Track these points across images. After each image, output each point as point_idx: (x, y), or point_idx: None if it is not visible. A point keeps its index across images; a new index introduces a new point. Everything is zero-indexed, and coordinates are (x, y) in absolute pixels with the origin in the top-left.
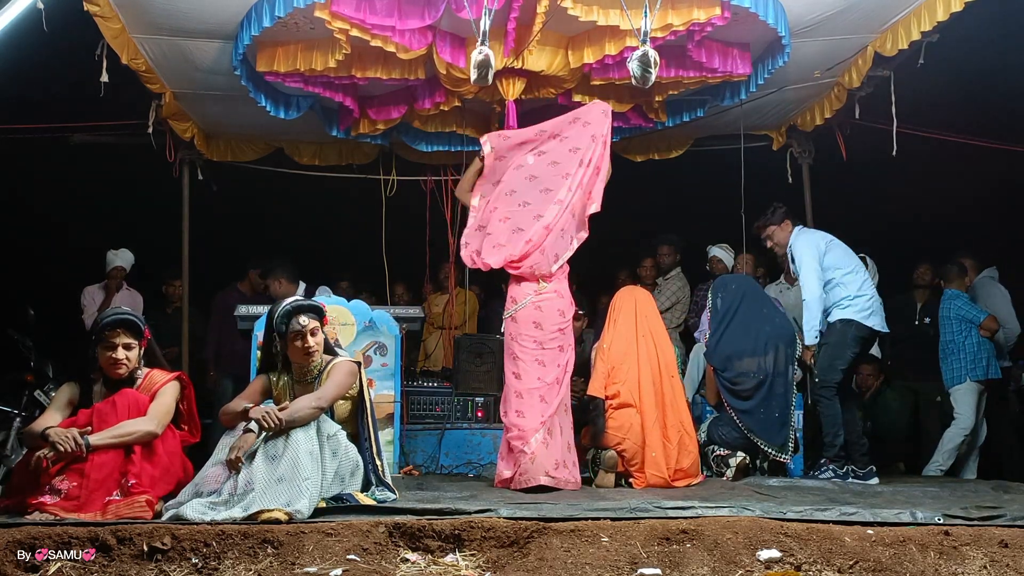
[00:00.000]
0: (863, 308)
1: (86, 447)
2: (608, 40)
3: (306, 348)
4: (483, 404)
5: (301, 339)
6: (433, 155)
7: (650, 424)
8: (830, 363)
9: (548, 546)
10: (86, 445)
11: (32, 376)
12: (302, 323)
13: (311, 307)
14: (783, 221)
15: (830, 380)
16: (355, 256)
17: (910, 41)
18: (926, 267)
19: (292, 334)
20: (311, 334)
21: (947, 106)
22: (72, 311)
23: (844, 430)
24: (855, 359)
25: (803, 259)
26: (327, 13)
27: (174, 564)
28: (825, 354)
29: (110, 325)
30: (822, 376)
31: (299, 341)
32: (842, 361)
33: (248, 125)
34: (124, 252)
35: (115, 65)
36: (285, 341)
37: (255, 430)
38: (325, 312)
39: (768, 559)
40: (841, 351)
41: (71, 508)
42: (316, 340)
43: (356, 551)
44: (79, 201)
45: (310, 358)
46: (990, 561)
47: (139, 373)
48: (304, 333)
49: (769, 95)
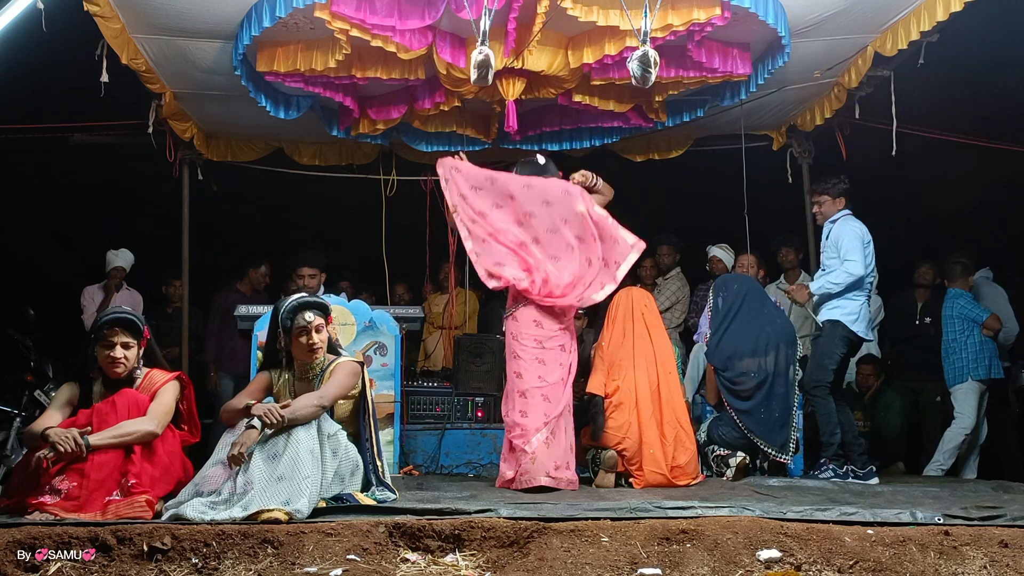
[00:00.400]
0: (851, 312)
1: (86, 447)
2: (608, 40)
3: (310, 345)
4: (483, 404)
5: (306, 335)
6: (433, 155)
7: (646, 420)
8: (819, 363)
9: (548, 546)
10: (86, 445)
11: (32, 376)
12: (307, 319)
13: (317, 304)
14: (839, 197)
15: (821, 380)
16: (355, 256)
17: (910, 41)
18: (928, 266)
19: (297, 330)
20: (316, 331)
21: (947, 106)
22: (72, 311)
23: (840, 429)
24: (844, 359)
25: (853, 243)
26: (327, 13)
27: (174, 564)
28: (814, 354)
29: (109, 324)
30: (813, 376)
31: (304, 337)
32: (831, 361)
33: (248, 125)
34: (124, 252)
35: (115, 65)
36: (290, 337)
37: (257, 426)
38: (331, 311)
39: (768, 559)
40: (830, 351)
41: (71, 508)
42: (320, 337)
43: (356, 551)
44: (79, 201)
45: (313, 355)
46: (990, 561)
47: (138, 373)
48: (309, 329)
49: (769, 95)
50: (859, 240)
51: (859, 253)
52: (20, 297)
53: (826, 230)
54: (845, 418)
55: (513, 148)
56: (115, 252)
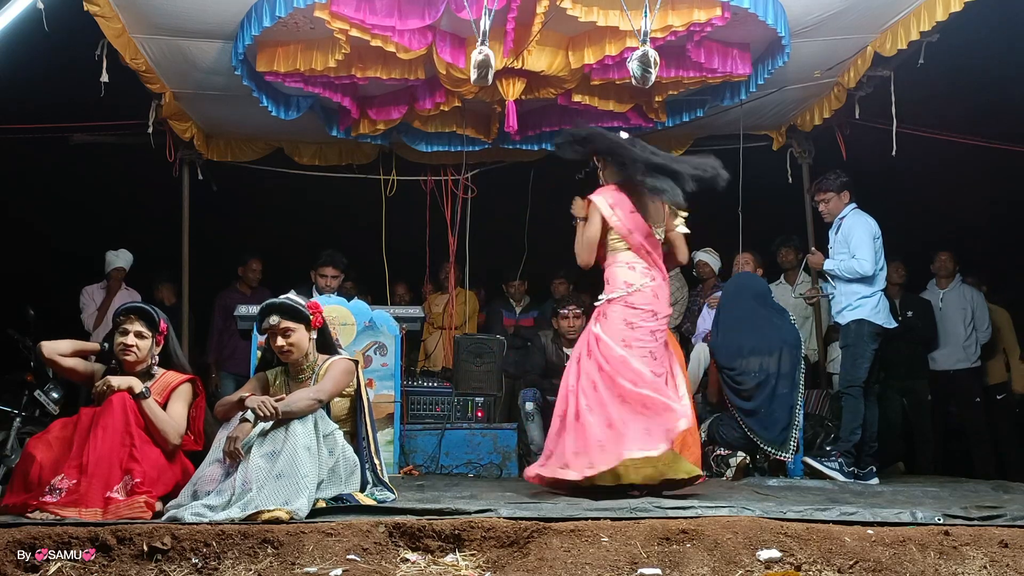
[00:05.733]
0: (873, 307)
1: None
2: (608, 40)
3: (278, 348)
4: (483, 404)
5: (272, 338)
6: (433, 155)
7: None
8: (853, 363)
9: (548, 546)
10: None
11: (32, 376)
12: (271, 322)
13: (281, 306)
14: (842, 191)
15: (856, 380)
16: (355, 256)
17: (910, 41)
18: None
19: (265, 332)
20: (282, 334)
21: (947, 106)
22: (72, 311)
23: (862, 429)
24: (877, 354)
25: (863, 237)
26: (327, 13)
27: (174, 564)
28: (847, 356)
29: (125, 311)
30: (847, 376)
31: (271, 339)
32: (864, 359)
33: (248, 125)
34: (123, 252)
35: (115, 65)
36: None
37: (251, 419)
38: (303, 313)
39: (768, 559)
40: (862, 350)
41: (71, 503)
42: (289, 341)
43: (356, 551)
44: (79, 201)
45: (285, 357)
46: (990, 561)
47: (155, 371)
48: (275, 332)
49: (769, 95)
50: (869, 236)
51: (869, 250)
52: (20, 297)
53: (835, 225)
54: (871, 415)
55: (513, 148)
56: (115, 253)
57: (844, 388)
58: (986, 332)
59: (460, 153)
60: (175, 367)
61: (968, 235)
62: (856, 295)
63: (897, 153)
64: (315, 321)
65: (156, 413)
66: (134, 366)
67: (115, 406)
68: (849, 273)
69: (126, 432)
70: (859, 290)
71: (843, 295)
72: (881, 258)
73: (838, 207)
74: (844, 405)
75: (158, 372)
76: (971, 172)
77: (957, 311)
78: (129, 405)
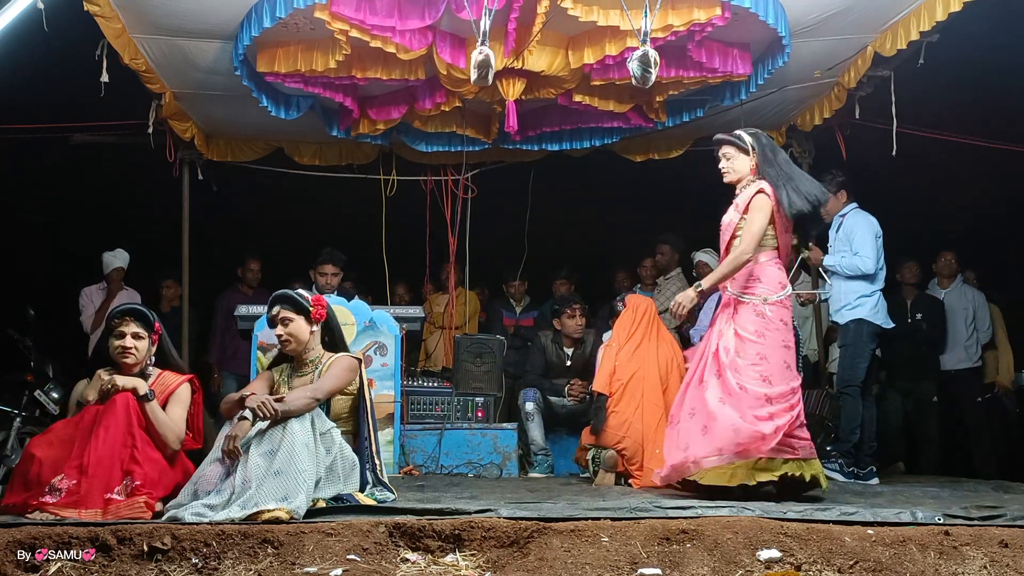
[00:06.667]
0: (872, 306)
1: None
2: (608, 40)
3: (278, 336)
4: (483, 404)
5: (273, 327)
6: (433, 155)
7: (654, 423)
8: (851, 362)
9: (548, 546)
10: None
11: (32, 376)
12: (273, 312)
13: (283, 296)
14: (839, 191)
15: (854, 379)
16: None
17: (910, 41)
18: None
19: (270, 323)
20: (282, 323)
21: (947, 106)
22: (72, 311)
23: (860, 428)
24: (874, 354)
25: (866, 236)
26: (327, 14)
27: (174, 564)
28: (845, 355)
29: (119, 313)
30: (845, 376)
31: (273, 330)
32: (863, 359)
33: (248, 125)
34: (120, 252)
35: (115, 65)
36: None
37: (249, 418)
38: (306, 306)
39: (768, 559)
40: (860, 349)
41: (71, 504)
42: (288, 331)
43: (356, 551)
44: (79, 201)
45: (284, 347)
46: (990, 561)
47: (151, 371)
48: (275, 322)
49: (769, 95)
50: (871, 234)
51: (871, 248)
52: (20, 297)
53: (835, 223)
54: (868, 415)
55: (513, 148)
56: (112, 253)
57: (842, 388)
58: (987, 332)
59: (460, 153)
60: (171, 367)
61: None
62: (855, 294)
63: (897, 153)
64: (315, 314)
65: (159, 417)
66: (132, 368)
67: (118, 406)
68: (850, 270)
69: (128, 433)
70: (859, 289)
71: (842, 294)
72: (882, 257)
73: (836, 206)
74: (842, 405)
75: (154, 372)
76: (971, 172)
77: (959, 311)
78: (132, 406)
